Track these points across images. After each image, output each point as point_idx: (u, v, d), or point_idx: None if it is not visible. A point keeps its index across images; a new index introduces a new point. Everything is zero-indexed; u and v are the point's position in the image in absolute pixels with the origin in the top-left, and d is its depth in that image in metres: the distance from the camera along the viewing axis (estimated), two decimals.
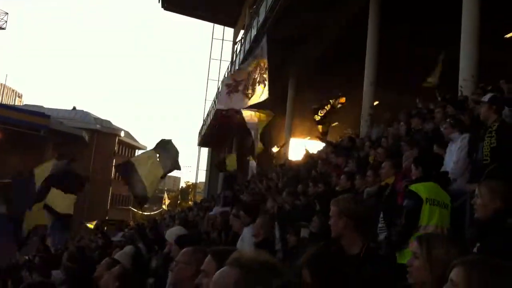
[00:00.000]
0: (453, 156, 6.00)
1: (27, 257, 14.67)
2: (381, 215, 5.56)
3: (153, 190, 10.83)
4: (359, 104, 15.32)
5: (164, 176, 10.95)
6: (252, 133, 14.58)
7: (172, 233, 6.11)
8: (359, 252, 3.30)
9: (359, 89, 15.54)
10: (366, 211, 3.71)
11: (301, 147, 16.71)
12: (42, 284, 3.95)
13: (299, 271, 3.00)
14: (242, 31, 31.12)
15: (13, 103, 55.95)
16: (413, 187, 4.74)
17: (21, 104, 56.48)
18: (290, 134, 21.91)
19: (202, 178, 47.73)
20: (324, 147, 13.99)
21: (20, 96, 61.28)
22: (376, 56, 15.10)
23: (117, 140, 52.94)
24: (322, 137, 14.59)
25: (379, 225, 5.50)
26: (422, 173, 4.99)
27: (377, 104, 15.56)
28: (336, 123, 15.75)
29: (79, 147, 45.49)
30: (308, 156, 14.19)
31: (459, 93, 10.07)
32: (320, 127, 14.52)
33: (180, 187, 76.39)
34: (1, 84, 57.04)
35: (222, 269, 1.93)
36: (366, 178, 6.75)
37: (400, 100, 15.62)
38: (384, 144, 9.03)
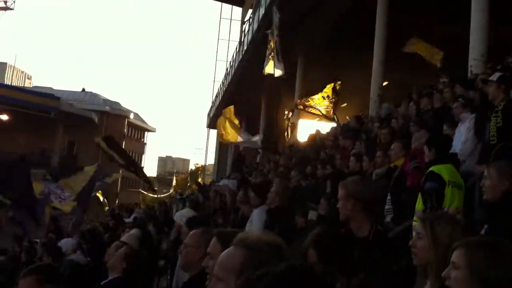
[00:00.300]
0: (462, 137, 5.96)
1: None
2: (389, 197, 5.54)
3: None
4: (368, 84, 15.20)
5: None
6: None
7: (182, 215, 6.15)
8: (367, 235, 3.30)
9: (368, 68, 15.40)
10: (374, 193, 3.71)
11: (310, 128, 16.67)
12: (44, 266, 3.99)
13: (305, 253, 3.02)
14: (250, 10, 30.87)
15: (22, 85, 56.17)
16: (435, 169, 4.59)
17: (31, 86, 56.75)
18: (299, 115, 21.83)
19: (211, 160, 47.84)
20: (332, 129, 13.94)
21: (29, 78, 61.46)
22: (385, 34, 14.92)
23: (126, 122, 53.07)
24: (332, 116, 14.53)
25: (386, 206, 5.48)
26: (436, 154, 4.89)
27: (386, 84, 15.44)
28: (345, 104, 15.66)
29: (88, 129, 45.67)
30: (314, 138, 14.14)
31: (469, 73, 9.96)
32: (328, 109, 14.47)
33: (190, 169, 76.68)
34: (11, 65, 57.20)
35: (227, 249, 1.93)
36: (375, 159, 6.69)
37: (409, 79, 15.49)
38: (395, 124, 8.95)
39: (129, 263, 4.38)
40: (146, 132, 60.66)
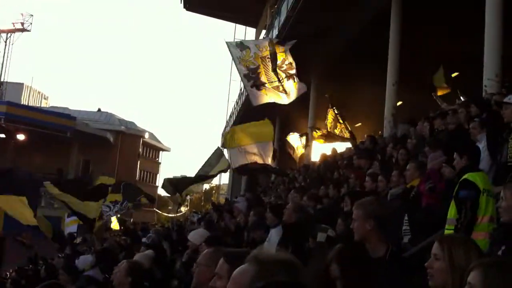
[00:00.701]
0: None
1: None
2: (406, 218, 5.52)
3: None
4: (382, 104, 15.21)
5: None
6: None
7: (197, 234, 6.19)
8: (383, 255, 3.29)
9: (382, 88, 15.42)
10: (391, 213, 3.72)
11: (323, 148, 16.66)
12: (55, 285, 4.04)
13: (318, 271, 3.03)
14: (263, 31, 31.12)
15: (39, 105, 56.77)
16: (470, 176, 4.45)
17: (47, 106, 57.30)
18: (312, 136, 21.85)
19: (225, 180, 47.84)
20: (347, 149, 13.93)
21: (46, 98, 62.09)
22: (398, 55, 14.96)
23: (141, 141, 53.38)
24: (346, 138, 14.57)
25: (403, 227, 5.46)
26: (468, 162, 4.77)
27: (400, 104, 15.43)
28: (359, 123, 15.67)
29: (104, 148, 46.04)
30: (326, 158, 14.13)
31: (483, 93, 9.94)
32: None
33: (204, 188, 76.64)
34: (27, 86, 57.88)
35: (241, 266, 1.97)
36: (390, 179, 6.69)
37: (423, 100, 15.46)
38: (410, 145, 8.95)
39: (134, 276, 4.38)
40: (161, 152, 60.90)
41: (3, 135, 43.17)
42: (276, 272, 1.82)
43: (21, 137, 43.21)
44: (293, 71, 12.80)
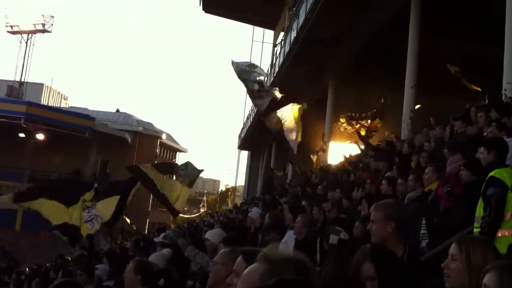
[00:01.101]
0: None
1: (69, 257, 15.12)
2: (424, 222, 5.48)
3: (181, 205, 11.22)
4: (400, 107, 15.13)
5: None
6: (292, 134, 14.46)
7: (216, 233, 6.23)
8: (401, 256, 3.30)
9: (400, 91, 15.34)
10: (410, 216, 3.71)
11: (340, 151, 16.62)
12: (69, 283, 4.08)
13: (329, 272, 3.03)
14: (282, 33, 31.14)
15: (59, 105, 57.38)
16: (496, 173, 4.35)
17: (67, 106, 57.91)
18: (330, 137, 21.80)
19: (241, 181, 47.94)
20: (363, 152, 13.87)
21: (65, 99, 62.72)
22: (417, 57, 14.87)
23: (158, 142, 53.69)
24: (362, 141, 14.51)
25: (421, 231, 5.42)
26: (496, 157, 4.69)
27: (418, 107, 15.34)
28: (377, 127, 15.60)
29: (122, 149, 46.41)
30: (347, 161, 14.09)
31: (503, 96, 9.84)
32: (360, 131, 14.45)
33: (220, 190, 76.97)
34: (47, 86, 58.53)
35: (251, 265, 1.99)
36: (407, 183, 6.66)
37: (442, 102, 15.37)
38: (427, 148, 8.89)
39: (143, 274, 4.41)
40: (178, 153, 61.21)
41: (22, 135, 43.73)
42: (285, 271, 1.81)
43: (40, 137, 43.76)
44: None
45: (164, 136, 54.74)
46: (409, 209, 5.54)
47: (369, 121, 14.09)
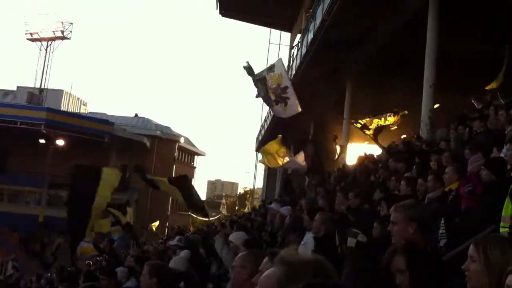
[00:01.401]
0: None
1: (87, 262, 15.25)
2: (442, 221, 5.45)
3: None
4: (419, 107, 15.01)
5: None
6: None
7: (238, 236, 6.29)
8: None
9: (418, 91, 15.22)
10: (431, 216, 3.70)
11: (359, 152, 16.56)
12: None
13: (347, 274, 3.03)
14: (298, 35, 31.12)
15: (78, 111, 58.03)
16: None
17: (86, 112, 58.56)
18: (348, 139, 21.71)
19: (259, 183, 47.96)
20: (382, 152, 13.80)
21: (85, 104, 63.41)
22: (435, 57, 14.75)
23: (177, 146, 54.01)
24: (376, 141, 14.46)
25: (440, 231, 5.40)
26: None
27: (437, 107, 15.20)
28: (395, 127, 15.50)
29: (141, 153, 46.76)
30: (364, 161, 14.02)
31: None
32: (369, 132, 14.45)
33: (238, 192, 77.08)
34: (67, 92, 59.24)
35: (268, 269, 1.97)
36: (427, 183, 6.62)
37: (462, 102, 15.21)
38: (443, 146, 8.83)
39: (159, 277, 4.42)
40: (196, 156, 61.47)
41: (43, 141, 44.30)
42: (304, 274, 1.77)
43: (60, 142, 44.26)
44: (286, 95, 13.43)
45: (182, 140, 55.05)
46: (430, 209, 5.52)
47: (388, 119, 14.05)
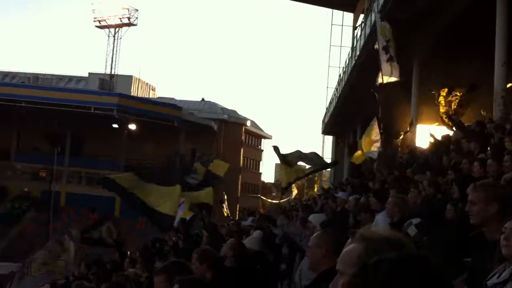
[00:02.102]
0: None
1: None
2: None
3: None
4: (491, 86, 14.59)
5: None
6: None
7: (317, 217, 6.52)
8: (499, 239, 3.23)
9: (490, 69, 14.79)
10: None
11: (428, 133, 16.30)
12: (179, 263, 4.36)
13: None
14: (361, 16, 30.66)
15: (147, 96, 59.64)
16: None
17: (155, 97, 60.09)
18: (416, 120, 21.35)
19: None
20: (455, 133, 13.56)
21: (153, 89, 64.96)
22: (507, 32, 14.24)
23: (243, 129, 54.58)
24: (453, 120, 14.18)
25: None
26: None
27: (511, 86, 14.73)
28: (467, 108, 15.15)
29: (208, 136, 47.68)
30: (436, 143, 13.81)
31: None
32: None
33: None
34: (136, 78, 60.90)
35: (349, 246, 2.01)
36: (503, 164, 6.51)
37: None
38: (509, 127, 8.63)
39: (208, 262, 4.54)
40: (262, 139, 61.89)
41: (116, 126, 45.99)
42: (383, 250, 1.76)
43: (132, 127, 45.83)
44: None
45: (248, 123, 55.56)
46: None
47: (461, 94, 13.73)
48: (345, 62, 32.72)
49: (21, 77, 57.00)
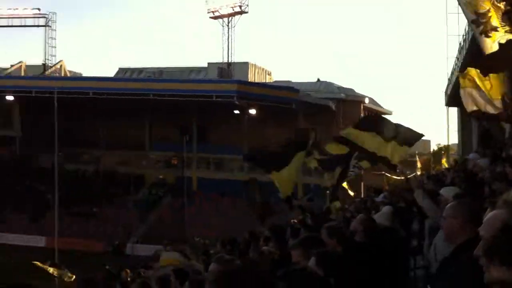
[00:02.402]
0: None
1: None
2: None
3: None
4: None
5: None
6: None
7: (449, 190, 6.41)
8: None
9: None
10: None
11: None
12: (308, 238, 4.55)
13: None
14: None
15: (264, 81, 60.73)
16: None
17: (272, 81, 61.03)
18: None
19: (454, 139, 45.73)
20: None
21: (269, 74, 65.95)
22: None
23: (362, 107, 53.73)
24: None
25: None
26: None
27: None
28: None
29: (326, 116, 47.57)
30: None
31: None
32: None
33: (432, 149, 74.46)
34: (252, 64, 62.18)
35: (493, 211, 2.10)
36: None
37: None
38: None
39: (338, 237, 4.68)
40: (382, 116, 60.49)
41: (237, 112, 47.38)
42: None
43: (252, 112, 46.97)
44: None
45: (367, 100, 54.59)
46: None
47: None
48: (465, 29, 30.93)
49: (147, 72, 60.64)
